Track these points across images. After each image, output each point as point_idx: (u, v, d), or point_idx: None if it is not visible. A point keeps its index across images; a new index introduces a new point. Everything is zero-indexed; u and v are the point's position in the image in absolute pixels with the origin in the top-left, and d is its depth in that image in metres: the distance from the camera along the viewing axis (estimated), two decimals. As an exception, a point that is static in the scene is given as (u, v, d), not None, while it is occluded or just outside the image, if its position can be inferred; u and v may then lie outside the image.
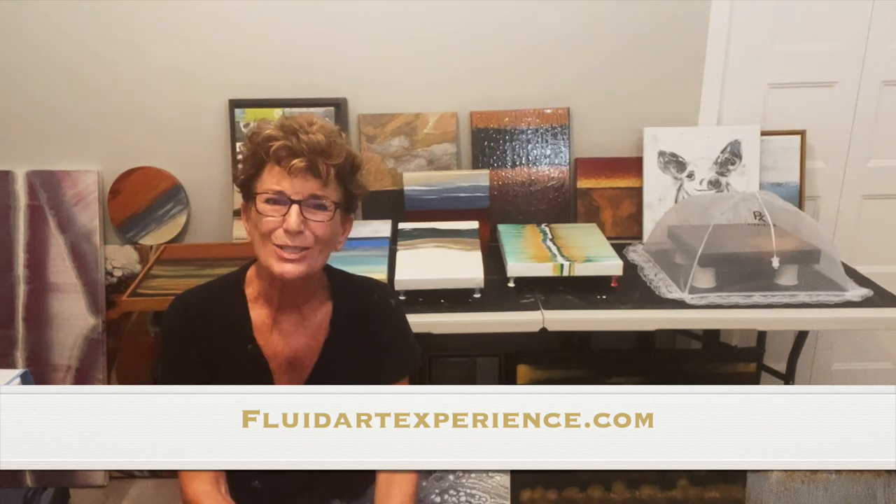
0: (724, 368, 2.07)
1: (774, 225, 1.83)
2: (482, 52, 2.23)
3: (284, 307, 1.30)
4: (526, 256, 1.92)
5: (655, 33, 2.23)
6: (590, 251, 1.94)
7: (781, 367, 2.28)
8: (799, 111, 2.31)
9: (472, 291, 1.83)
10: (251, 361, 1.30)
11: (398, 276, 1.81)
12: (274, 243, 1.19)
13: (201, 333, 1.30)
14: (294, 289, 1.28)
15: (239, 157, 1.30)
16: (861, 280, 1.93)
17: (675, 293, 1.84)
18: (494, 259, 2.03)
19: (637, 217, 2.30)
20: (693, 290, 1.82)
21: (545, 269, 1.87)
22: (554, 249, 1.96)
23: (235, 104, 2.23)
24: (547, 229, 2.14)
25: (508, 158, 2.29)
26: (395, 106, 2.27)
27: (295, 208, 1.18)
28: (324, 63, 2.23)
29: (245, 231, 1.27)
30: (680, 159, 2.26)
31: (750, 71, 2.28)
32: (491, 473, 1.89)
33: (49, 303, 2.28)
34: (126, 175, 2.28)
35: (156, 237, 2.32)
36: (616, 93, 2.28)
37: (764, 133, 2.27)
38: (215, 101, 2.24)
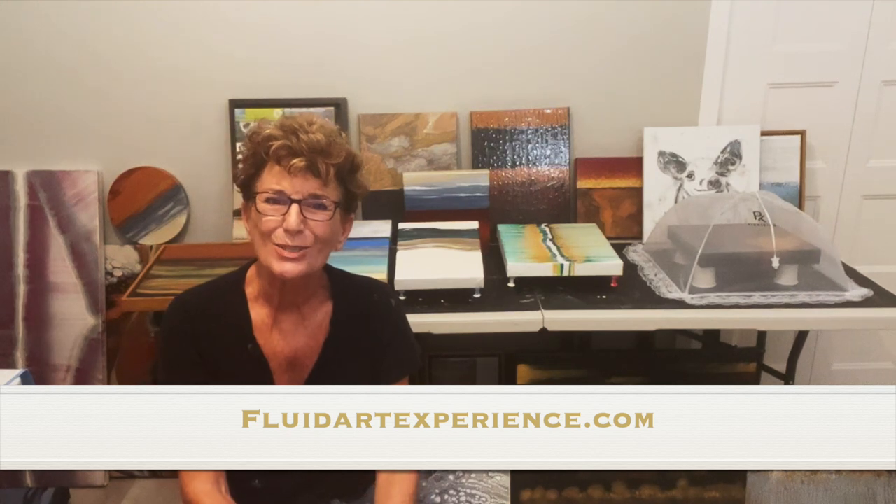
0: (724, 368, 2.07)
1: (774, 225, 1.83)
2: (482, 52, 2.23)
3: (284, 307, 1.30)
4: (526, 256, 1.92)
5: (655, 33, 2.23)
6: (590, 251, 1.94)
7: (781, 367, 2.28)
8: (799, 111, 2.31)
9: (472, 291, 1.83)
10: (251, 361, 1.30)
11: (398, 276, 1.81)
12: (274, 243, 1.19)
13: (201, 333, 1.30)
14: (294, 288, 1.28)
15: (239, 157, 1.30)
16: (861, 280, 1.93)
17: (675, 293, 1.83)
18: (494, 259, 2.03)
19: (637, 217, 2.30)
20: (693, 290, 1.82)
21: (545, 269, 1.87)
22: (554, 249, 1.96)
23: (235, 104, 2.23)
24: (547, 229, 2.14)
25: (508, 158, 2.29)
26: (395, 106, 2.27)
27: (295, 208, 1.18)
28: (324, 63, 2.23)
29: (245, 231, 1.27)
30: (680, 159, 2.26)
31: (750, 71, 2.28)
32: (491, 473, 1.89)
33: (49, 303, 2.28)
34: (126, 175, 2.28)
35: (156, 237, 2.32)
36: (616, 93, 2.28)
37: (764, 133, 2.27)
38: (215, 101, 2.24)
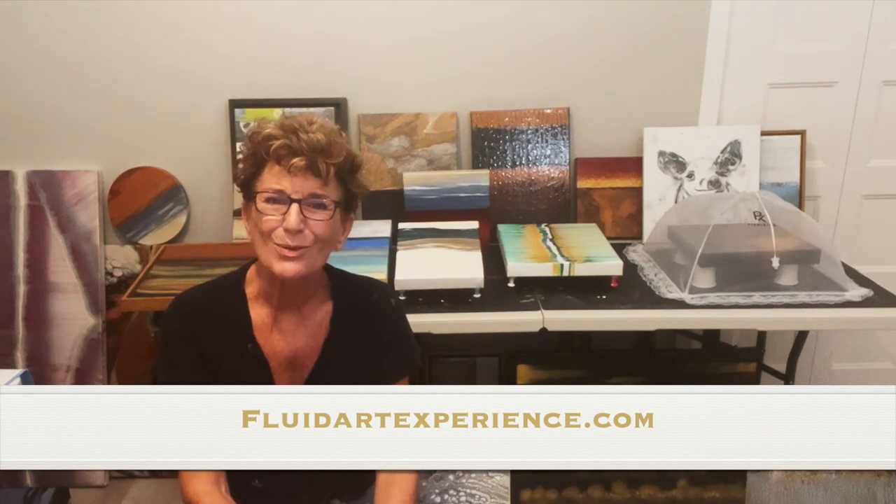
0: (724, 368, 2.07)
1: (774, 225, 1.83)
2: (482, 52, 2.23)
3: (284, 306, 1.30)
4: (526, 256, 1.92)
5: (655, 33, 2.23)
6: (590, 251, 1.94)
7: (781, 367, 2.28)
8: (799, 111, 2.31)
9: (472, 291, 1.83)
10: (251, 361, 1.30)
11: (398, 276, 1.81)
12: (274, 242, 1.19)
13: (201, 333, 1.30)
14: (294, 288, 1.28)
15: (239, 157, 1.30)
16: (861, 280, 1.93)
17: (675, 293, 1.83)
18: (494, 259, 2.03)
19: (637, 217, 2.30)
20: (693, 290, 1.82)
21: (545, 269, 1.87)
22: (554, 249, 1.96)
23: (235, 104, 2.23)
24: (547, 229, 2.14)
25: (508, 158, 2.29)
26: (395, 106, 2.27)
27: (295, 207, 1.18)
28: (324, 63, 2.23)
29: (245, 230, 1.27)
30: (680, 159, 2.26)
31: (750, 71, 2.28)
32: (491, 473, 1.89)
33: (49, 303, 2.28)
34: (126, 175, 2.28)
35: (156, 237, 2.32)
36: (616, 93, 2.28)
37: (764, 133, 2.27)
38: (215, 101, 2.24)
